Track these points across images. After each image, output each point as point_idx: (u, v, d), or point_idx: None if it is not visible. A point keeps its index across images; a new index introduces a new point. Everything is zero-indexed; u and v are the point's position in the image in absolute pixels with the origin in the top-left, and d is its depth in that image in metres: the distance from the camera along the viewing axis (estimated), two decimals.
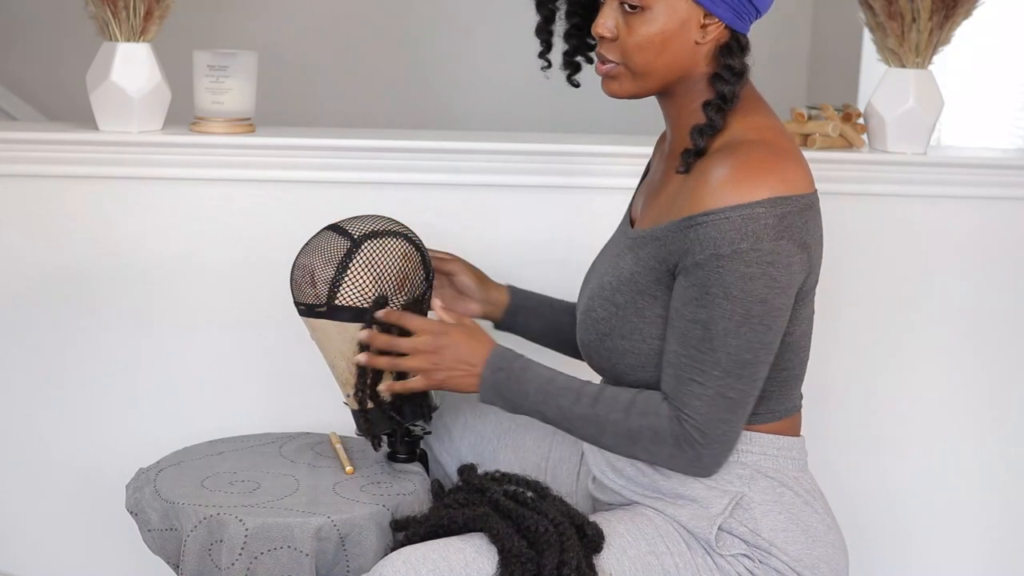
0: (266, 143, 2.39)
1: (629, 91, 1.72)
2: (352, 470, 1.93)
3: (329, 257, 1.87)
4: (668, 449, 1.67)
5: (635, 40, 1.67)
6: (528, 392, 1.73)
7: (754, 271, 1.60)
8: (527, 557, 1.62)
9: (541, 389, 1.73)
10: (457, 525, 1.69)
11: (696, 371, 1.63)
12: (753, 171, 1.61)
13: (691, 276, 1.63)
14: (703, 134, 1.67)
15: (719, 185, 1.61)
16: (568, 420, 1.72)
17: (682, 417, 1.65)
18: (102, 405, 2.45)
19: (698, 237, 1.61)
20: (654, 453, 1.68)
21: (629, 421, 1.68)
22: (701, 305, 1.62)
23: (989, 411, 2.61)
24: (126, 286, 2.42)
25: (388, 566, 1.63)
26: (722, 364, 1.62)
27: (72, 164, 2.37)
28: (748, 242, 1.59)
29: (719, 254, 1.60)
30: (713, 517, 1.71)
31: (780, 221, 1.60)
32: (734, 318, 1.61)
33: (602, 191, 2.47)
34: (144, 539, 1.84)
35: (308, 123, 3.29)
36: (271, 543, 1.73)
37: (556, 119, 4.48)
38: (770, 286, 1.61)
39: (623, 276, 1.74)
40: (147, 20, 2.33)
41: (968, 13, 2.47)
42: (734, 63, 1.67)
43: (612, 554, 1.68)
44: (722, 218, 1.60)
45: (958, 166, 2.55)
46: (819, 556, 1.73)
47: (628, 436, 1.69)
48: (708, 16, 1.66)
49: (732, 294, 1.60)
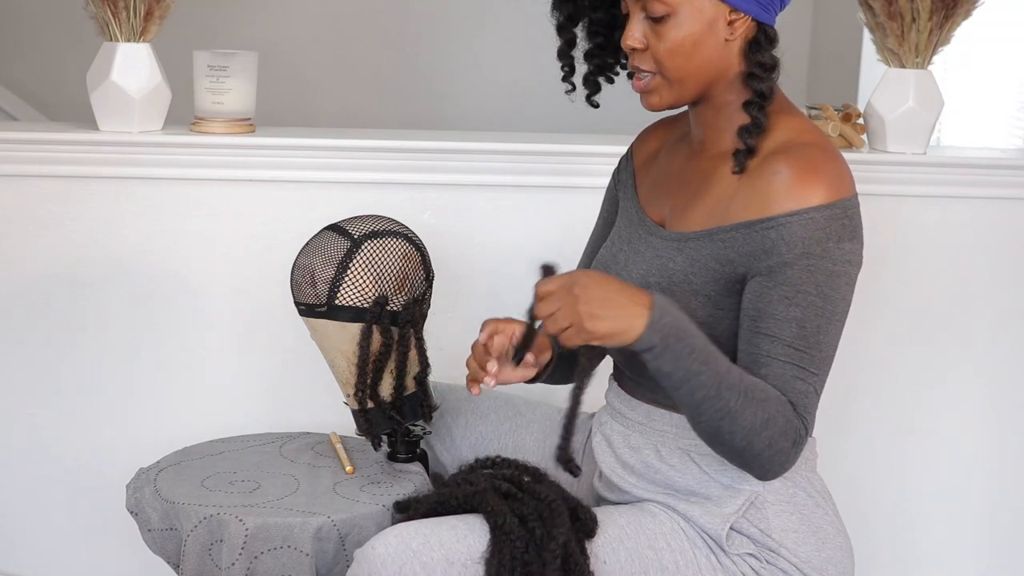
0: (266, 143, 2.39)
1: (669, 101, 1.72)
2: (352, 470, 1.93)
3: (329, 257, 1.87)
4: (786, 443, 1.61)
5: (666, 46, 1.67)
6: (695, 347, 1.56)
7: (839, 269, 1.63)
8: (517, 535, 1.64)
9: (705, 347, 1.57)
10: (456, 502, 1.71)
11: (797, 368, 1.62)
12: (818, 173, 1.63)
13: (778, 275, 1.62)
14: (751, 134, 1.68)
15: (791, 186, 1.62)
16: (718, 388, 1.56)
17: (799, 412, 1.62)
18: (102, 405, 2.45)
19: (782, 237, 1.62)
20: (771, 444, 1.60)
21: (767, 407, 1.59)
22: (793, 304, 1.62)
23: (990, 411, 2.62)
24: (126, 286, 2.42)
25: (380, 540, 1.65)
26: (816, 360, 1.63)
27: (72, 164, 2.37)
28: (833, 241, 1.62)
29: (809, 253, 1.61)
30: (727, 516, 1.71)
31: (851, 220, 1.64)
32: (825, 315, 1.63)
33: (602, 191, 2.47)
34: (144, 539, 1.84)
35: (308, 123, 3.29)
36: (271, 543, 1.73)
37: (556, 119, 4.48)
38: (849, 284, 1.65)
39: (675, 277, 1.71)
40: (147, 20, 2.33)
41: (968, 13, 2.47)
42: (764, 58, 1.69)
43: (608, 543, 1.69)
44: (806, 218, 1.61)
45: (957, 166, 2.55)
46: (827, 558, 1.73)
47: (764, 421, 1.59)
48: (734, 12, 1.67)
49: (824, 292, 1.62)
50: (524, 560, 1.63)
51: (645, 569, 1.69)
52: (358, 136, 2.47)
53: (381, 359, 1.87)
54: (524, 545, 1.63)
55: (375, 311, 1.85)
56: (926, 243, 2.55)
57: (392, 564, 1.61)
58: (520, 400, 2.07)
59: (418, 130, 2.73)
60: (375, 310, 1.85)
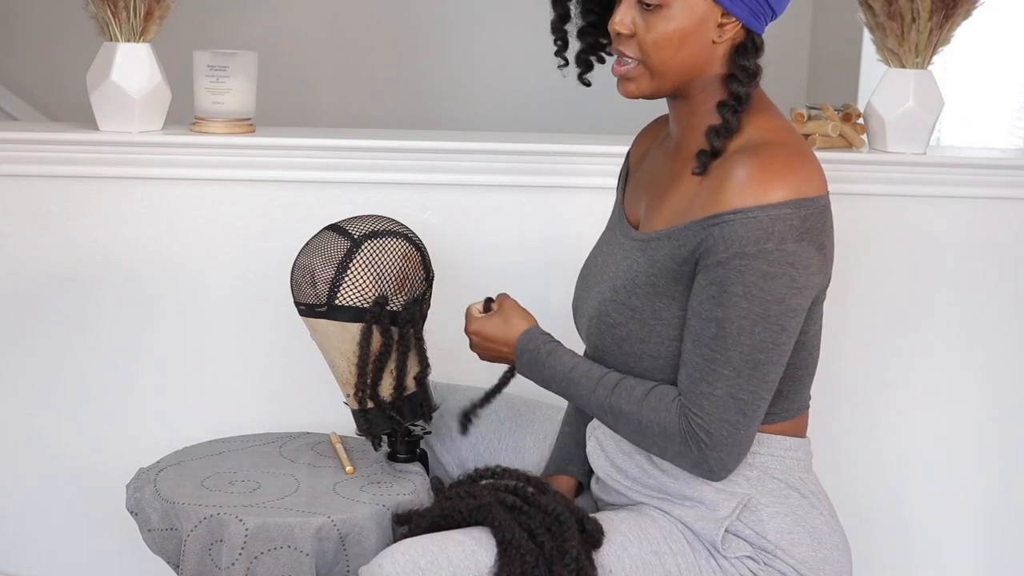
0: (266, 143, 2.39)
1: (645, 91, 1.71)
2: (352, 470, 1.93)
3: (329, 257, 1.87)
4: (676, 447, 1.66)
5: (653, 37, 1.66)
6: (553, 377, 1.78)
7: (776, 271, 1.60)
8: (526, 549, 1.62)
9: (564, 377, 1.77)
10: (460, 516, 1.69)
11: (707, 370, 1.63)
12: (777, 172, 1.61)
13: (711, 274, 1.62)
14: (719, 135, 1.67)
15: (744, 184, 1.61)
16: (589, 407, 1.76)
17: (691, 416, 1.64)
18: (102, 405, 2.45)
19: (723, 235, 1.61)
20: (663, 449, 1.69)
21: (641, 414, 1.68)
22: (718, 303, 1.62)
23: (989, 410, 2.61)
24: (126, 286, 2.42)
25: (388, 558, 1.63)
26: (734, 363, 1.62)
27: (72, 164, 2.37)
28: (773, 242, 1.59)
29: (744, 252, 1.60)
30: (720, 520, 1.70)
31: (803, 223, 1.61)
32: (750, 317, 1.61)
33: (602, 191, 2.47)
34: (144, 539, 1.84)
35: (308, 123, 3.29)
36: (271, 543, 1.73)
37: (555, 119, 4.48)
38: (789, 286, 1.61)
39: (638, 279, 1.72)
40: (147, 20, 2.33)
41: (968, 13, 2.47)
42: (748, 64, 1.68)
43: (613, 551, 1.68)
44: (749, 217, 1.60)
45: (957, 166, 2.55)
46: (824, 558, 1.72)
47: (640, 429, 1.69)
48: (726, 15, 1.66)
49: (751, 293, 1.60)
50: (535, 575, 1.62)
51: (649, 575, 1.69)
52: (358, 136, 2.47)
53: (381, 359, 1.87)
54: (534, 559, 1.63)
55: (375, 311, 1.85)
56: (926, 243, 2.54)
57: None
58: (520, 400, 2.07)
59: (418, 130, 2.73)
60: (375, 310, 1.85)
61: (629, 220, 1.84)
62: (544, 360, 1.79)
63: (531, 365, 1.80)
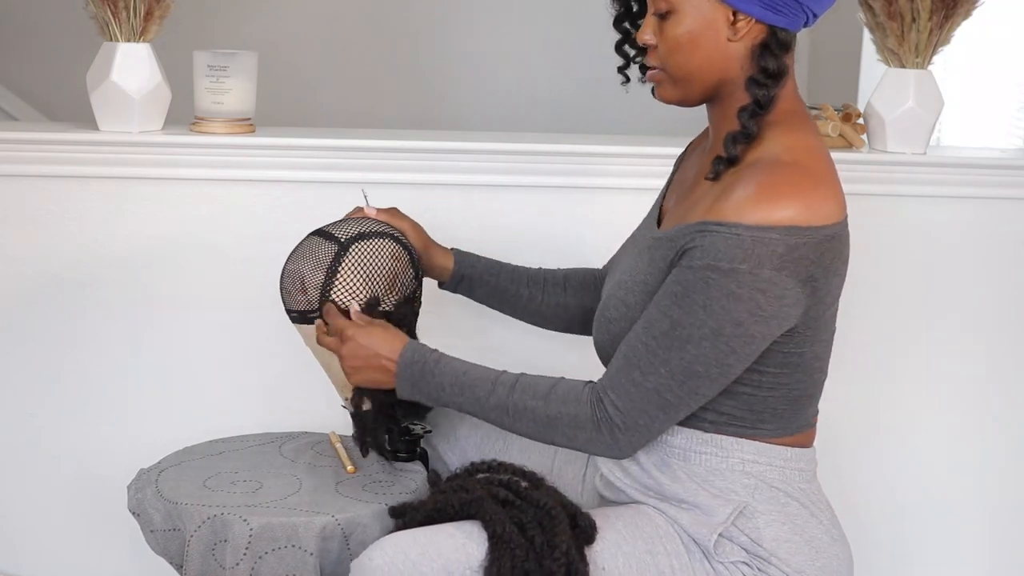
0: (266, 143, 2.39)
1: (673, 97, 1.72)
2: (354, 469, 1.93)
3: (318, 262, 1.86)
4: (586, 434, 1.68)
5: (667, 44, 1.68)
6: (443, 384, 1.74)
7: (743, 293, 1.58)
8: (517, 543, 1.63)
9: (456, 381, 1.74)
10: (453, 510, 1.70)
11: (646, 361, 1.63)
12: (777, 194, 1.58)
13: (681, 275, 1.62)
14: (736, 141, 1.65)
15: (742, 200, 1.58)
16: (484, 410, 1.73)
17: (607, 401, 1.65)
18: (102, 405, 2.45)
19: (703, 243, 1.60)
20: (572, 438, 1.69)
21: (548, 408, 1.69)
22: (677, 304, 1.61)
23: (990, 411, 2.61)
24: (126, 286, 2.42)
25: (378, 551, 1.64)
26: (671, 365, 1.62)
27: (72, 164, 2.37)
28: (749, 264, 1.57)
29: (716, 267, 1.58)
30: (715, 525, 1.70)
31: (790, 252, 1.58)
32: (703, 329, 1.60)
33: (602, 191, 2.47)
34: (147, 540, 1.84)
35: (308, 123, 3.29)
36: (275, 543, 1.73)
37: (555, 119, 4.48)
38: (752, 312, 1.59)
39: (637, 277, 1.73)
40: (147, 20, 2.33)
41: (968, 13, 2.47)
42: (768, 64, 1.64)
43: (607, 548, 1.68)
44: (733, 233, 1.58)
45: (957, 166, 2.55)
46: (822, 567, 1.71)
47: (546, 423, 1.70)
48: (738, 13, 1.64)
49: (711, 307, 1.59)
50: (525, 569, 1.62)
51: (643, 574, 1.68)
52: (358, 136, 2.47)
53: None
54: (524, 553, 1.63)
55: (370, 313, 1.85)
56: (926, 243, 2.54)
57: (389, 574, 1.61)
58: None
59: (418, 130, 2.72)
60: (370, 311, 1.84)
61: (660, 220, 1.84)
62: (432, 368, 1.75)
63: (418, 376, 1.75)
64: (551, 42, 4.69)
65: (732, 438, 1.71)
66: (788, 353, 1.67)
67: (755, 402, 1.70)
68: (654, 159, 2.42)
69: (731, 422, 1.71)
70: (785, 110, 1.68)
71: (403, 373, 1.76)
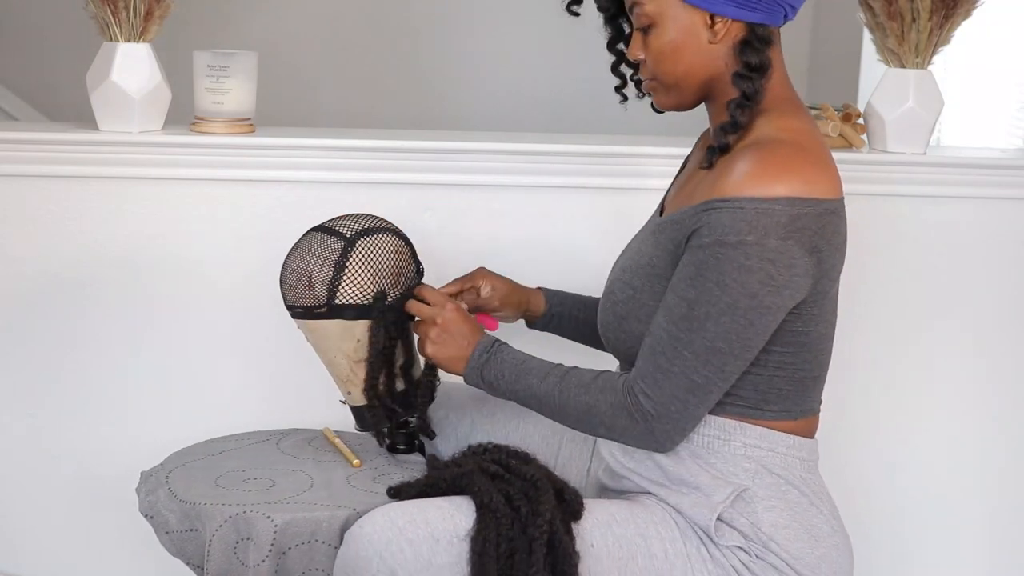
0: (266, 143, 2.39)
1: (669, 103, 1.79)
2: (359, 463, 1.95)
3: (325, 258, 1.87)
4: (623, 422, 1.71)
5: (653, 55, 1.75)
6: (504, 372, 1.80)
7: (753, 264, 1.62)
8: (502, 513, 1.67)
9: (515, 369, 1.80)
10: (445, 484, 1.74)
11: (670, 346, 1.66)
12: (775, 168, 1.64)
13: (693, 255, 1.66)
14: (726, 131, 1.71)
15: (741, 176, 1.64)
16: (536, 398, 1.78)
17: (638, 389, 1.68)
18: (102, 405, 2.45)
19: (709, 220, 1.64)
20: (610, 427, 1.72)
21: (588, 396, 1.73)
22: (692, 285, 1.65)
23: (990, 411, 2.61)
24: (126, 286, 2.42)
25: (368, 520, 1.68)
26: (695, 346, 1.65)
27: (72, 164, 2.37)
28: (755, 235, 1.61)
29: (724, 241, 1.62)
30: (714, 505, 1.71)
31: (793, 222, 1.62)
32: (719, 305, 1.63)
33: (602, 191, 2.47)
34: (161, 542, 1.83)
35: (308, 123, 3.29)
36: (299, 538, 1.74)
37: (555, 119, 4.48)
38: (764, 282, 1.63)
39: (643, 260, 1.78)
40: (147, 20, 2.33)
41: (968, 13, 2.47)
42: (751, 59, 1.70)
43: (597, 527, 1.71)
44: (736, 207, 1.62)
45: (957, 166, 2.55)
46: (821, 556, 1.72)
47: (587, 411, 1.73)
48: (715, 16, 1.70)
49: (724, 282, 1.62)
50: (509, 537, 1.66)
51: (633, 555, 1.70)
52: (358, 136, 2.47)
53: (387, 353, 1.89)
54: (509, 523, 1.67)
55: (378, 306, 1.86)
56: (926, 243, 2.54)
57: (379, 541, 1.65)
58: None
59: (418, 130, 2.73)
60: (378, 305, 1.86)
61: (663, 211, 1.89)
62: (496, 354, 1.82)
63: (485, 363, 1.82)
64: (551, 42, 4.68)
65: (735, 421, 1.74)
66: (795, 332, 1.71)
67: (760, 382, 1.73)
68: (654, 159, 2.43)
69: (736, 402, 1.73)
70: (777, 97, 1.74)
71: (475, 362, 1.82)
